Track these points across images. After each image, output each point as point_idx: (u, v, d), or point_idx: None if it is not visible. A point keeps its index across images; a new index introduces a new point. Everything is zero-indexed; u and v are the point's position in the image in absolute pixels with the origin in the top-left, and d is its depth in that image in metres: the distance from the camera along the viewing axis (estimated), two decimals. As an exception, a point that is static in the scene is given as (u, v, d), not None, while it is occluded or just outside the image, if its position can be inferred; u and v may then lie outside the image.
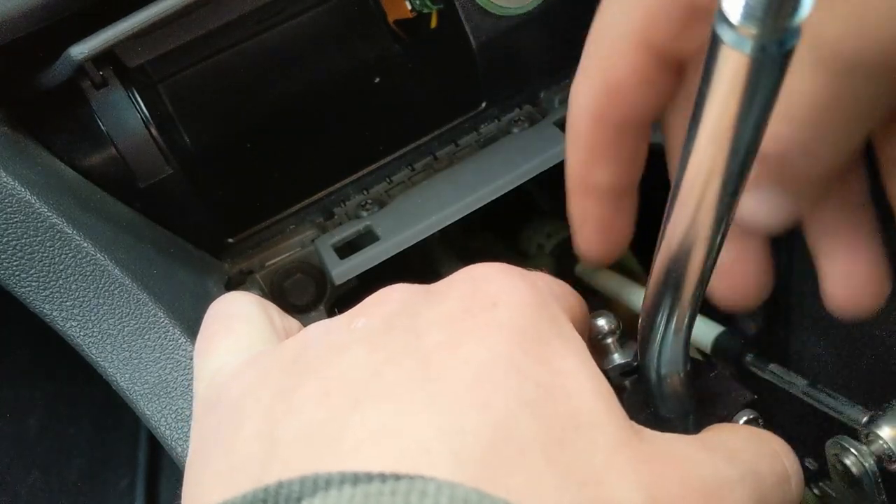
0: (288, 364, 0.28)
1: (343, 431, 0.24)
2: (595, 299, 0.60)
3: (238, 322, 0.33)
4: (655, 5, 0.28)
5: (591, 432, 0.24)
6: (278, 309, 0.36)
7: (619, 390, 0.36)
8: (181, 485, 0.28)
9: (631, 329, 0.37)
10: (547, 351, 0.26)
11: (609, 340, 0.36)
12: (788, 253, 0.50)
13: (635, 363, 0.36)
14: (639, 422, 0.35)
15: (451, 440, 0.23)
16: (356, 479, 0.21)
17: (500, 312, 0.26)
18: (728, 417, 0.34)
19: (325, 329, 0.29)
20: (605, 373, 0.36)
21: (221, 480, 0.25)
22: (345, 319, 0.29)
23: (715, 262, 0.27)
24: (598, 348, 0.37)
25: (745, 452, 0.28)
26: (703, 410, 0.34)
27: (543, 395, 0.24)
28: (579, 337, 0.28)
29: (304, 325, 0.35)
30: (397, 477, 0.21)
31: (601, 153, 0.31)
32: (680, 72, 0.29)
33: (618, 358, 0.36)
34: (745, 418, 0.34)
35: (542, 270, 0.31)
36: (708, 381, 0.36)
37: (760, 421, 0.35)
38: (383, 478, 0.21)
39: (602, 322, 0.36)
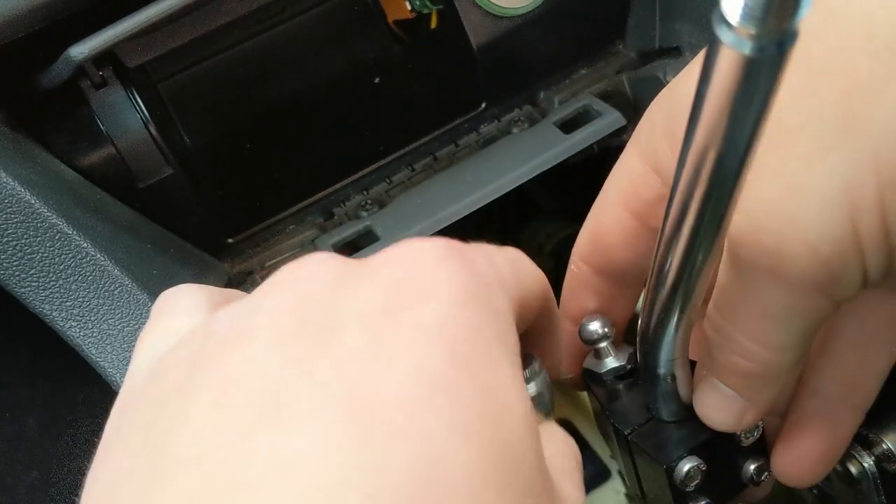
0: (190, 355, 0.23)
1: (238, 459, 0.19)
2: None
3: (173, 316, 0.28)
4: (637, 179, 0.34)
5: (523, 459, 0.22)
6: (237, 293, 0.32)
7: (613, 395, 0.36)
8: None
9: (631, 329, 0.37)
10: (480, 362, 0.22)
11: (603, 344, 0.36)
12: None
13: (629, 366, 0.36)
14: (640, 425, 0.35)
15: (366, 476, 0.19)
16: None
17: (429, 313, 0.22)
18: None
19: (234, 306, 0.24)
20: (600, 377, 0.36)
21: (104, 496, 0.22)
22: (257, 294, 0.24)
23: (714, 263, 0.27)
24: (591, 352, 0.37)
25: None
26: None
27: (474, 418, 0.21)
28: (511, 341, 0.24)
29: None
30: None
31: (582, 290, 0.38)
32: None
33: (611, 362, 0.36)
34: None
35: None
36: None
37: (760, 422, 0.35)
38: None
39: (595, 326, 0.36)
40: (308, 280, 0.24)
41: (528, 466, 0.22)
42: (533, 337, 0.29)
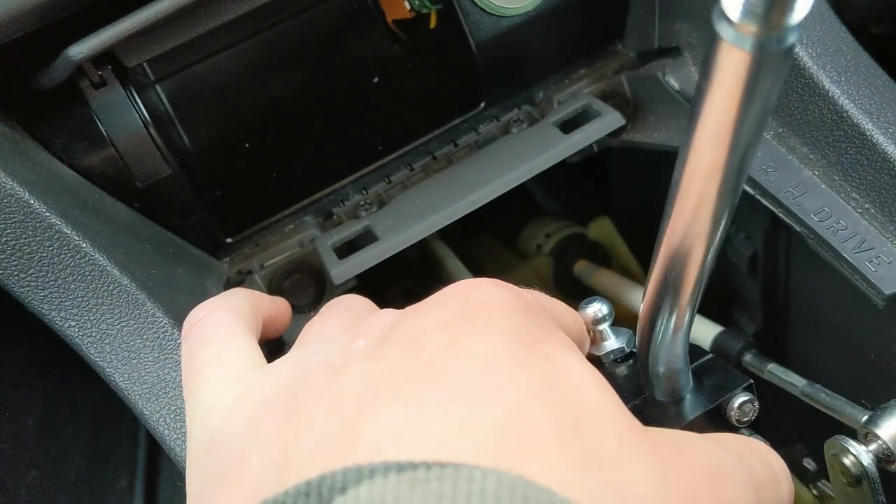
0: (287, 392, 0.28)
1: (359, 437, 0.24)
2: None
3: (223, 348, 0.33)
4: None
5: (600, 420, 0.25)
6: (263, 296, 0.36)
7: (610, 377, 0.36)
8: (178, 489, 0.27)
9: (631, 328, 0.37)
10: (545, 349, 0.27)
11: (601, 327, 0.36)
12: (787, 254, 0.50)
13: (628, 349, 0.36)
14: (633, 402, 0.35)
15: (467, 433, 0.23)
16: (400, 467, 0.21)
17: (496, 316, 0.27)
18: (725, 400, 0.34)
19: (324, 354, 0.29)
20: (598, 359, 0.36)
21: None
22: (342, 343, 0.29)
23: (714, 261, 0.27)
24: (590, 335, 0.37)
25: (740, 448, 0.30)
26: (700, 392, 0.34)
27: (549, 386, 0.25)
28: (570, 340, 0.29)
29: (303, 324, 0.35)
30: (442, 465, 0.21)
31: None
32: None
33: (610, 344, 0.36)
34: (741, 400, 0.34)
35: (534, 288, 0.33)
36: (705, 366, 0.36)
37: (756, 403, 0.35)
38: (428, 466, 0.21)
39: (594, 309, 0.36)
40: (388, 318, 0.29)
41: (606, 413, 0.25)
42: None
